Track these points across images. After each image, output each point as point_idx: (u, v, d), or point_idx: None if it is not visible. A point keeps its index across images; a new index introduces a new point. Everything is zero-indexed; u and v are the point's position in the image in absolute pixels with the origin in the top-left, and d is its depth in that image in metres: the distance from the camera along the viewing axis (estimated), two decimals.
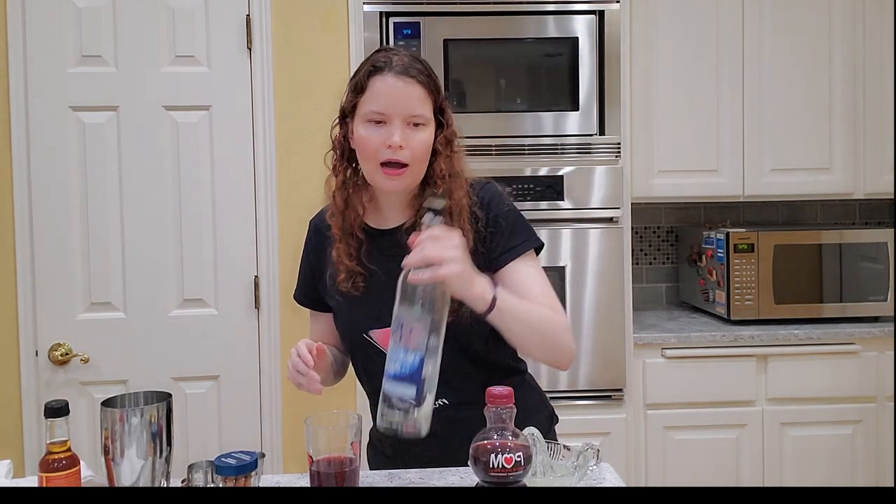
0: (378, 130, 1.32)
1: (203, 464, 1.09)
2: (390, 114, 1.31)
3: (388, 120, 1.31)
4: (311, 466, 1.08)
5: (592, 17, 2.46)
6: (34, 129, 2.32)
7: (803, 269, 2.65)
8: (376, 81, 1.32)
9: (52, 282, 2.34)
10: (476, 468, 1.05)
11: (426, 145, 1.34)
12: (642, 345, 2.51)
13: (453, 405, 1.35)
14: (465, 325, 1.29)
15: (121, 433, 1.05)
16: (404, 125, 1.31)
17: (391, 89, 1.31)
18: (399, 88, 1.31)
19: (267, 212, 2.41)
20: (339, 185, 1.42)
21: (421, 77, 1.33)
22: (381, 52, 1.37)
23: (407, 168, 1.32)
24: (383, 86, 1.32)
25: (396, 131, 1.30)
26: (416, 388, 1.12)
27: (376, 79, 1.32)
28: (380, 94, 1.32)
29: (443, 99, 1.38)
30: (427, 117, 1.34)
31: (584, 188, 2.45)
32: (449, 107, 1.40)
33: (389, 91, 1.31)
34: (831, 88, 2.73)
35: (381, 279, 1.35)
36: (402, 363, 1.13)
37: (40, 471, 1.06)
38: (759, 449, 2.54)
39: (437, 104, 1.37)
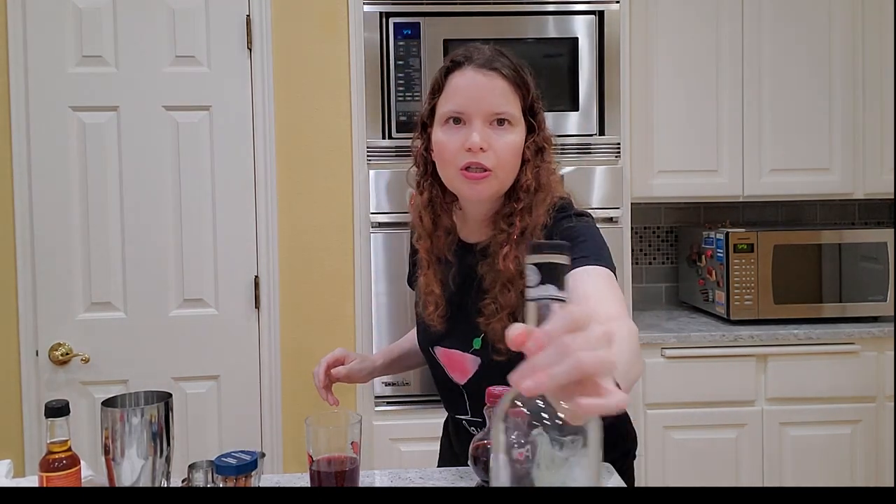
0: (457, 132, 1.17)
1: (203, 464, 1.10)
2: (469, 111, 1.16)
3: (467, 119, 1.17)
4: (311, 466, 1.08)
5: (592, 17, 2.46)
6: (34, 129, 2.33)
7: (803, 270, 2.65)
8: (454, 77, 1.19)
9: (52, 282, 2.34)
10: (476, 468, 1.05)
11: (514, 148, 1.18)
12: (642, 344, 2.50)
13: None
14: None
15: (121, 433, 1.05)
16: (486, 124, 1.16)
17: (470, 84, 1.17)
18: (479, 83, 1.16)
19: (267, 212, 2.41)
20: (425, 205, 1.27)
21: (506, 70, 1.18)
22: (462, 49, 1.22)
23: (491, 172, 1.16)
24: (462, 80, 1.18)
25: (476, 131, 1.15)
26: None
27: (454, 75, 1.19)
28: (458, 90, 1.18)
29: (534, 99, 1.23)
30: (514, 115, 1.18)
31: (584, 188, 2.45)
32: (542, 109, 1.24)
33: (468, 86, 1.17)
34: (831, 88, 2.73)
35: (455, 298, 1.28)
36: None
37: (40, 471, 1.06)
38: (758, 449, 2.54)
39: (528, 104, 1.21)
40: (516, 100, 1.19)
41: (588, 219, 1.23)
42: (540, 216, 1.19)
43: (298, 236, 2.43)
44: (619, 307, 1.03)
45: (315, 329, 2.43)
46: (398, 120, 2.40)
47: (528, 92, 1.21)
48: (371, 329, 2.40)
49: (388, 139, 2.41)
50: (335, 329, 2.44)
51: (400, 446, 2.39)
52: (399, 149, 2.40)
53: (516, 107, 1.19)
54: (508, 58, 1.21)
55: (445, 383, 1.36)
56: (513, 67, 1.20)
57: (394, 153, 2.40)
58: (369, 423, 2.37)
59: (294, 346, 2.43)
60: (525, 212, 1.18)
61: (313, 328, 2.43)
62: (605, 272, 1.09)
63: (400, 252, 2.40)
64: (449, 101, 1.19)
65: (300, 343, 2.43)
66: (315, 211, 2.45)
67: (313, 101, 2.43)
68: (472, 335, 1.27)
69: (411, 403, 2.41)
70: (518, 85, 1.19)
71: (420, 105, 2.38)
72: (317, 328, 2.43)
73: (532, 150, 1.21)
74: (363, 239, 2.42)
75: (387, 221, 2.40)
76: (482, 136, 1.15)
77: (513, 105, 1.18)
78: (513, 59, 1.21)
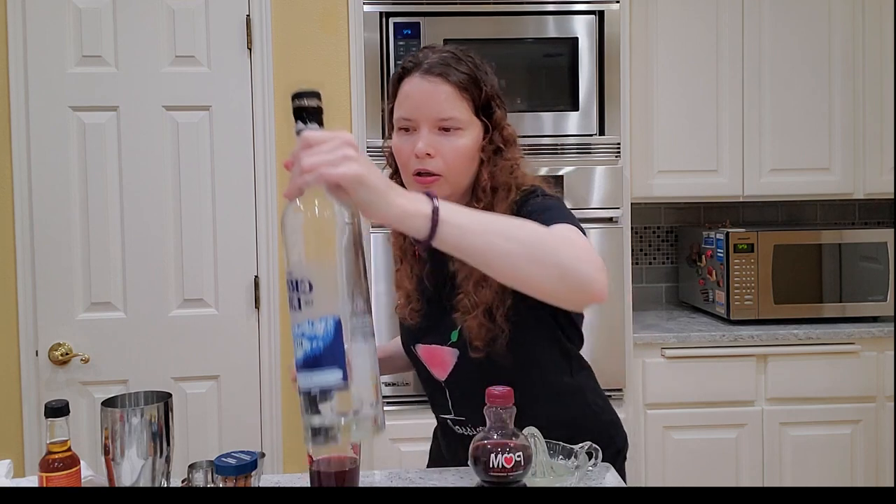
0: (408, 138, 1.22)
1: (203, 464, 1.10)
2: (416, 118, 1.20)
3: (415, 126, 1.21)
4: (311, 466, 1.08)
5: (592, 17, 2.46)
6: (34, 129, 2.32)
7: (803, 269, 2.65)
8: (404, 85, 1.23)
9: (52, 282, 2.34)
10: (476, 468, 1.05)
11: (462, 152, 1.21)
12: (642, 344, 2.51)
13: None
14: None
15: (121, 433, 1.05)
16: (433, 130, 1.20)
17: (415, 91, 1.20)
18: (424, 90, 1.20)
19: (267, 212, 2.41)
20: None
21: (451, 74, 1.20)
22: (413, 54, 1.25)
23: (440, 178, 1.20)
24: (408, 88, 1.22)
25: (422, 138, 1.19)
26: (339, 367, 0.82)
27: (404, 82, 1.23)
28: (406, 97, 1.22)
29: (488, 98, 1.24)
30: (462, 120, 1.20)
31: (583, 188, 2.45)
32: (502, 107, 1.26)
33: (414, 93, 1.21)
34: (831, 88, 2.73)
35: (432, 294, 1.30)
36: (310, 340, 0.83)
37: (40, 471, 1.06)
38: (758, 449, 2.54)
39: (479, 105, 1.23)
40: (464, 103, 1.21)
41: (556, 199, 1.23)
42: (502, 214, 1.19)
43: None
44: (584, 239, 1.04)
45: None
46: None
47: (479, 93, 1.22)
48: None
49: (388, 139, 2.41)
50: None
51: (400, 446, 2.39)
52: None
53: (464, 111, 1.21)
54: (461, 59, 1.22)
55: (429, 382, 1.37)
56: (462, 70, 1.21)
57: None
58: None
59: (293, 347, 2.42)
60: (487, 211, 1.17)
61: None
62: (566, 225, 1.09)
63: None
64: (399, 108, 1.23)
65: None
66: None
67: None
68: (449, 329, 1.28)
69: (411, 403, 2.41)
70: (466, 88, 1.21)
71: None
72: None
73: (490, 149, 1.23)
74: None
75: None
76: (428, 143, 1.19)
77: (459, 110, 1.20)
78: (467, 62, 1.22)
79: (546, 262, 0.93)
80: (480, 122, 1.23)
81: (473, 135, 1.22)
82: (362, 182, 0.83)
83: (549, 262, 0.94)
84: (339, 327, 0.82)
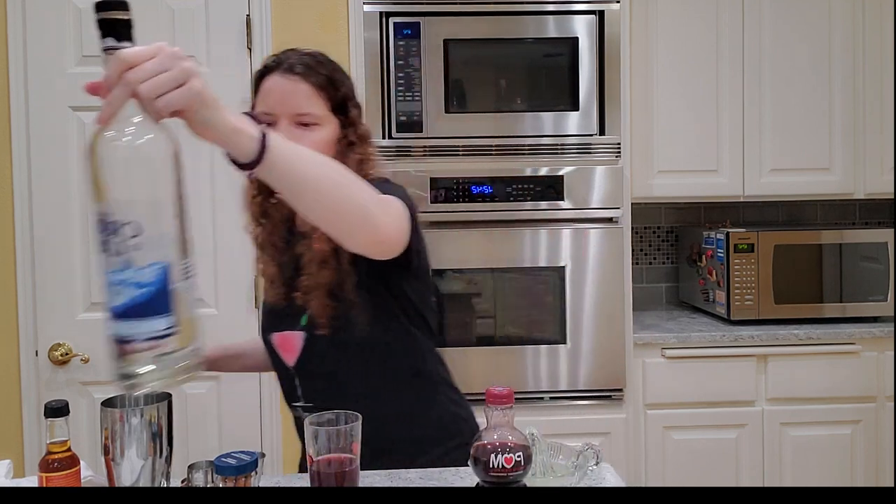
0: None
1: (203, 464, 1.09)
2: (276, 113, 1.27)
3: (275, 120, 1.27)
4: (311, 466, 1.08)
5: (592, 17, 2.46)
6: (34, 129, 2.32)
7: (803, 270, 2.65)
8: (265, 82, 1.30)
9: (52, 282, 2.34)
10: (476, 468, 1.05)
11: (319, 146, 1.26)
12: (642, 345, 2.51)
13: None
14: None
15: (121, 433, 1.05)
16: (292, 125, 1.27)
17: (275, 88, 1.28)
18: (283, 86, 1.27)
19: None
20: (255, 194, 1.39)
21: (310, 74, 1.28)
22: (275, 55, 1.33)
23: None
24: (269, 85, 1.29)
25: (281, 131, 1.24)
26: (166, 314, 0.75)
27: (265, 80, 1.30)
28: (267, 94, 1.29)
29: (345, 98, 1.33)
30: (319, 115, 1.29)
31: (584, 188, 2.45)
32: (357, 108, 1.35)
33: (274, 90, 1.28)
34: (831, 88, 2.73)
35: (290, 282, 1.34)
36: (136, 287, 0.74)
37: (40, 471, 1.06)
38: (758, 449, 2.54)
39: (338, 101, 1.31)
40: (321, 101, 1.29)
41: (400, 188, 1.30)
42: None
43: None
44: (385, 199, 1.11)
45: None
46: (398, 120, 2.40)
47: (336, 93, 1.31)
48: None
49: (388, 139, 2.41)
50: None
51: None
52: (399, 149, 2.40)
53: (321, 107, 1.29)
54: (319, 60, 1.31)
55: (280, 370, 1.41)
56: (319, 71, 1.29)
57: (394, 153, 2.40)
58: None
59: None
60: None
61: None
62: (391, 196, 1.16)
63: None
64: (261, 103, 1.30)
65: None
66: None
67: None
68: (300, 314, 1.33)
69: None
70: (323, 87, 1.29)
71: (420, 105, 2.39)
72: None
73: (343, 143, 1.32)
74: None
75: None
76: (286, 136, 1.20)
77: (317, 106, 1.28)
78: (324, 63, 1.31)
79: (352, 200, 1.01)
80: (337, 119, 1.32)
81: (330, 130, 1.30)
82: (204, 98, 0.81)
83: (355, 200, 1.01)
84: (168, 273, 0.75)
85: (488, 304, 2.44)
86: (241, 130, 0.87)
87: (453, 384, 1.45)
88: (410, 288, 1.33)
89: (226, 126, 0.85)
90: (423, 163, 2.41)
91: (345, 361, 1.30)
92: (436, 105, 2.41)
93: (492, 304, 2.44)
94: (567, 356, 2.45)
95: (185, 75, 0.79)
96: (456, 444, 1.35)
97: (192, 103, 0.80)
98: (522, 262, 2.44)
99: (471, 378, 2.40)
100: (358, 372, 1.32)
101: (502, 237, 2.43)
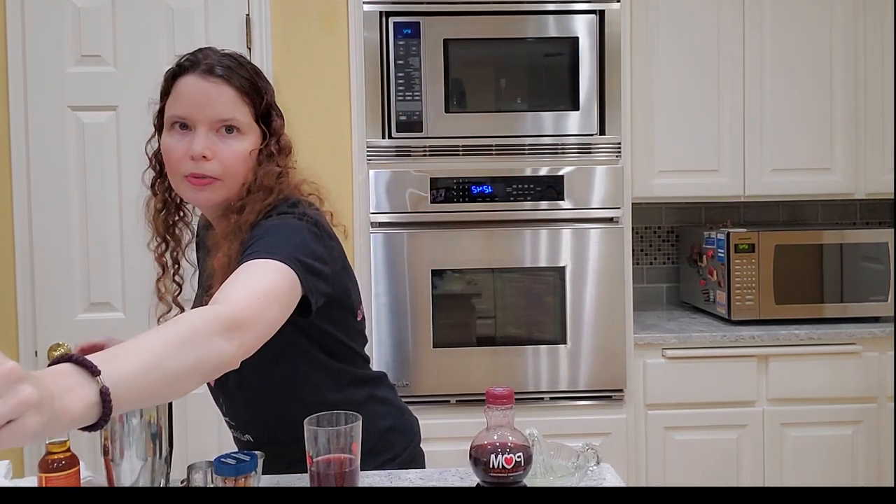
0: (183, 137, 1.16)
1: (203, 464, 1.09)
2: (195, 118, 1.16)
3: (192, 125, 1.16)
4: (311, 467, 1.08)
5: (592, 16, 2.46)
6: (33, 128, 2.32)
7: (804, 270, 2.65)
8: (180, 83, 1.18)
9: (52, 282, 2.34)
10: (476, 468, 1.05)
11: (241, 156, 1.18)
12: (643, 345, 2.51)
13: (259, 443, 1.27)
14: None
15: (120, 433, 1.05)
16: (213, 131, 1.16)
17: (195, 90, 1.16)
18: (204, 89, 1.16)
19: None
20: (159, 208, 1.28)
21: (234, 78, 1.18)
22: (191, 53, 1.21)
23: (217, 181, 1.17)
24: (186, 87, 1.17)
25: (201, 139, 1.15)
26: None
27: (180, 80, 1.18)
28: (183, 95, 1.17)
29: (268, 105, 1.24)
30: (243, 123, 1.18)
31: (584, 188, 2.44)
32: (280, 117, 1.25)
33: (193, 92, 1.16)
34: (832, 88, 2.73)
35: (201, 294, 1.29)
36: None
37: (40, 471, 1.06)
38: (759, 449, 2.53)
39: (261, 110, 1.22)
40: (245, 107, 1.19)
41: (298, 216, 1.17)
42: (251, 214, 1.16)
43: None
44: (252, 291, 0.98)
45: None
46: (398, 120, 2.40)
47: (260, 100, 1.21)
48: (371, 329, 2.40)
49: (388, 139, 2.41)
50: None
51: None
52: (399, 149, 2.40)
53: (245, 114, 1.19)
54: (241, 62, 1.21)
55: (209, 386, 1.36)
56: (243, 75, 1.19)
57: (394, 153, 2.40)
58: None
59: None
60: (239, 210, 1.16)
61: None
62: (268, 262, 1.04)
63: (400, 252, 2.39)
64: (175, 105, 1.18)
65: None
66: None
67: (313, 101, 2.42)
68: None
69: (411, 404, 2.40)
70: (248, 93, 1.19)
71: (420, 105, 2.39)
72: None
73: (264, 154, 1.21)
74: (363, 239, 2.41)
75: (387, 221, 2.40)
76: (206, 145, 1.15)
77: (241, 112, 1.18)
78: (246, 66, 1.21)
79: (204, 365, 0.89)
80: (260, 129, 1.22)
81: (252, 140, 1.20)
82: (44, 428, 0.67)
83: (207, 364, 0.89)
84: None
85: (488, 304, 2.44)
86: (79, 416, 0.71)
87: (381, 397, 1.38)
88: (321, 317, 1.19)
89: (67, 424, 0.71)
90: (423, 163, 2.41)
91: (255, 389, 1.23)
92: (436, 105, 2.41)
93: (492, 304, 2.44)
94: (567, 356, 2.45)
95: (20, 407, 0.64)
96: (387, 458, 1.31)
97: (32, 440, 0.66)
98: (522, 262, 2.44)
99: (471, 378, 2.41)
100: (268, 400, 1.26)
101: (502, 237, 2.43)
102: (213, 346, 0.89)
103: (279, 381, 1.25)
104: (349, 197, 2.43)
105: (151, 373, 0.80)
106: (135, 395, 0.78)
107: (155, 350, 0.82)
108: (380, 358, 2.38)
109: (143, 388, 0.79)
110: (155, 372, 0.81)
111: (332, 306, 1.21)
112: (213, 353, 0.89)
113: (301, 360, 1.26)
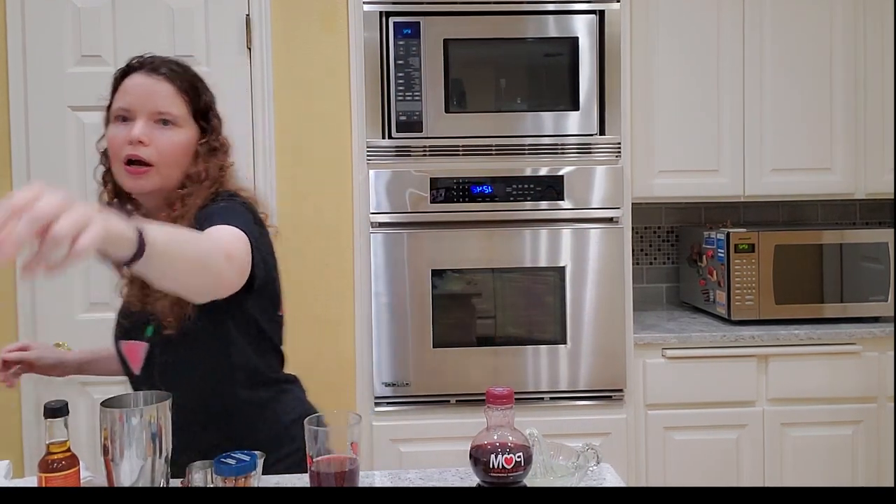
0: (124, 128, 1.28)
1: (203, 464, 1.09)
2: (135, 109, 1.28)
3: (132, 116, 1.28)
4: (311, 467, 1.08)
5: (592, 16, 2.46)
6: (33, 128, 2.32)
7: (804, 270, 2.65)
8: (126, 81, 1.31)
9: (52, 282, 2.34)
10: (476, 468, 1.05)
11: (177, 146, 1.29)
12: (643, 345, 2.51)
13: None
14: None
15: (120, 433, 1.05)
16: (151, 122, 1.28)
17: (137, 85, 1.29)
18: (145, 85, 1.29)
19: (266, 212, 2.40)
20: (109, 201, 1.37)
21: (173, 76, 1.31)
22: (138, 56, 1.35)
23: (152, 168, 1.27)
24: (130, 83, 1.30)
25: (139, 125, 1.26)
26: None
27: (126, 78, 1.31)
28: (127, 91, 1.30)
29: (207, 104, 1.35)
30: (179, 116, 1.30)
31: (584, 188, 2.44)
32: (218, 119, 1.37)
33: (136, 87, 1.29)
34: (832, 88, 2.73)
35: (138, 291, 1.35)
36: None
37: (40, 471, 1.06)
38: (759, 449, 2.53)
39: (199, 107, 1.34)
40: (182, 103, 1.31)
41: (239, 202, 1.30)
42: (197, 201, 1.28)
43: (298, 236, 2.43)
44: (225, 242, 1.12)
45: (315, 329, 2.42)
46: (398, 120, 2.40)
47: (198, 99, 1.33)
48: (371, 329, 2.40)
49: (388, 139, 2.41)
50: (335, 329, 2.43)
51: (400, 447, 2.39)
52: (399, 149, 2.40)
53: (181, 109, 1.31)
54: (182, 66, 1.34)
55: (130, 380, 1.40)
56: (182, 75, 1.32)
57: (394, 153, 2.40)
58: (369, 423, 2.36)
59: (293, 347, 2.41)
60: (187, 197, 1.28)
61: (313, 328, 2.42)
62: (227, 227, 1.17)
63: (400, 252, 2.39)
64: (119, 100, 1.31)
65: (299, 343, 2.42)
66: (314, 211, 2.45)
67: (313, 101, 2.42)
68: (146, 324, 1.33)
69: (411, 404, 2.41)
70: (185, 90, 1.31)
71: (420, 105, 2.39)
72: (316, 328, 2.42)
73: (205, 148, 1.33)
74: (363, 239, 2.41)
75: (387, 221, 2.40)
76: (143, 132, 1.26)
77: (177, 107, 1.30)
78: (186, 69, 1.34)
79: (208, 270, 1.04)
80: (197, 125, 1.33)
81: (188, 133, 1.32)
82: (109, 231, 0.86)
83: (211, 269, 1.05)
84: None
85: (488, 304, 2.44)
86: (123, 234, 0.88)
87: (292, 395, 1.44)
88: (251, 304, 1.30)
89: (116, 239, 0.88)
90: (423, 163, 2.41)
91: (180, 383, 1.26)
92: (436, 105, 2.41)
93: (492, 304, 2.44)
94: (567, 356, 2.45)
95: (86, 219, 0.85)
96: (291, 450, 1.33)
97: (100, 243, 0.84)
98: (522, 262, 2.44)
99: (471, 378, 2.41)
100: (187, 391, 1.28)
101: (502, 237, 2.43)
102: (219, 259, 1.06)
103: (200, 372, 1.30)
104: (349, 197, 2.43)
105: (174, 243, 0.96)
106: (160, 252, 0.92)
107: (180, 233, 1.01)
108: (380, 358, 2.38)
109: (167, 248, 0.94)
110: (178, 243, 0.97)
111: (263, 293, 1.30)
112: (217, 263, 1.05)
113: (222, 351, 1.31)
